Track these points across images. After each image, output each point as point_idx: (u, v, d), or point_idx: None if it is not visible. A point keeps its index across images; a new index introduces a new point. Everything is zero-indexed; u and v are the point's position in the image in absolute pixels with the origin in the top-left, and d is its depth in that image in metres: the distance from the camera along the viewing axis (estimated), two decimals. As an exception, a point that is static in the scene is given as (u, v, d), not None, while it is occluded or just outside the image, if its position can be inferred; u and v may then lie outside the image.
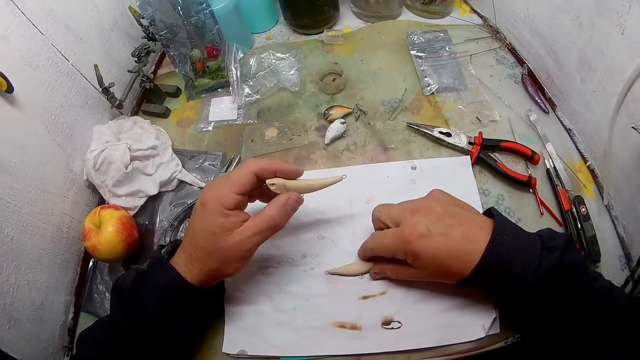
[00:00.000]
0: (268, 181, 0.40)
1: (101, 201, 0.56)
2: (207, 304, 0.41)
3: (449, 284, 0.39)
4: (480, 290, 0.39)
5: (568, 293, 0.33)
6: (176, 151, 0.58)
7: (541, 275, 0.33)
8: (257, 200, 0.44)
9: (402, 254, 0.38)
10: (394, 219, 0.39)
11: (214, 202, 0.37)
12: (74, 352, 0.45)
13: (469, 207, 0.40)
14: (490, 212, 0.39)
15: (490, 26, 0.65)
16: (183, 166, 0.56)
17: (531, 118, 0.55)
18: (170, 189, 0.56)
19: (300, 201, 0.40)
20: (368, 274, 0.45)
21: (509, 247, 0.34)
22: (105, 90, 0.55)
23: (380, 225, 0.42)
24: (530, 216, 0.48)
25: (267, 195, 0.42)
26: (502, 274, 0.34)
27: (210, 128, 0.61)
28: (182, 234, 0.52)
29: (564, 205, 0.47)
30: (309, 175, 0.43)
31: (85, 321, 0.49)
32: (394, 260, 0.40)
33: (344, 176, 0.43)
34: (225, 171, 0.56)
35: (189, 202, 0.54)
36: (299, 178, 0.42)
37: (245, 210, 0.40)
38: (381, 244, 0.41)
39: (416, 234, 0.36)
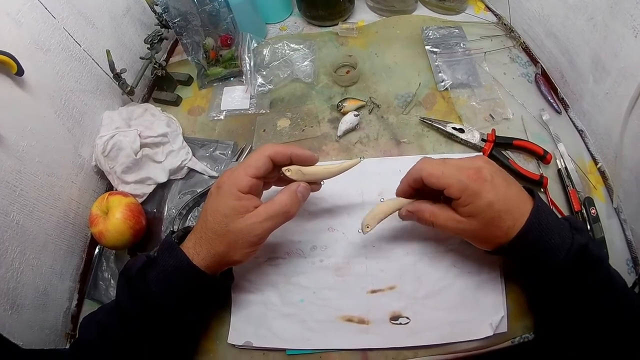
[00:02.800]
0: (284, 168, 0.39)
1: (109, 187, 0.55)
2: (214, 290, 0.40)
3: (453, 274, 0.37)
4: (514, 261, 0.38)
5: (589, 283, 0.34)
6: (187, 139, 0.57)
7: (573, 252, 0.33)
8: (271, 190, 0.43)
9: (458, 190, 0.34)
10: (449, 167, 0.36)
11: (229, 184, 0.37)
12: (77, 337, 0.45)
13: None
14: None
15: (505, 24, 0.65)
16: (193, 154, 0.56)
17: (544, 117, 0.55)
18: (179, 177, 0.55)
19: (309, 189, 0.40)
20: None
21: (550, 217, 0.34)
22: (117, 77, 0.54)
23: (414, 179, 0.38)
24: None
25: (283, 181, 0.41)
26: (541, 244, 0.34)
27: (221, 117, 0.60)
28: (191, 223, 0.52)
29: (574, 206, 0.47)
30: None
31: (89, 308, 0.49)
32: (435, 202, 0.38)
33: (362, 158, 0.43)
34: (237, 160, 0.55)
35: (198, 191, 0.53)
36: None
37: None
38: (437, 170, 0.36)
39: (482, 176, 0.34)
